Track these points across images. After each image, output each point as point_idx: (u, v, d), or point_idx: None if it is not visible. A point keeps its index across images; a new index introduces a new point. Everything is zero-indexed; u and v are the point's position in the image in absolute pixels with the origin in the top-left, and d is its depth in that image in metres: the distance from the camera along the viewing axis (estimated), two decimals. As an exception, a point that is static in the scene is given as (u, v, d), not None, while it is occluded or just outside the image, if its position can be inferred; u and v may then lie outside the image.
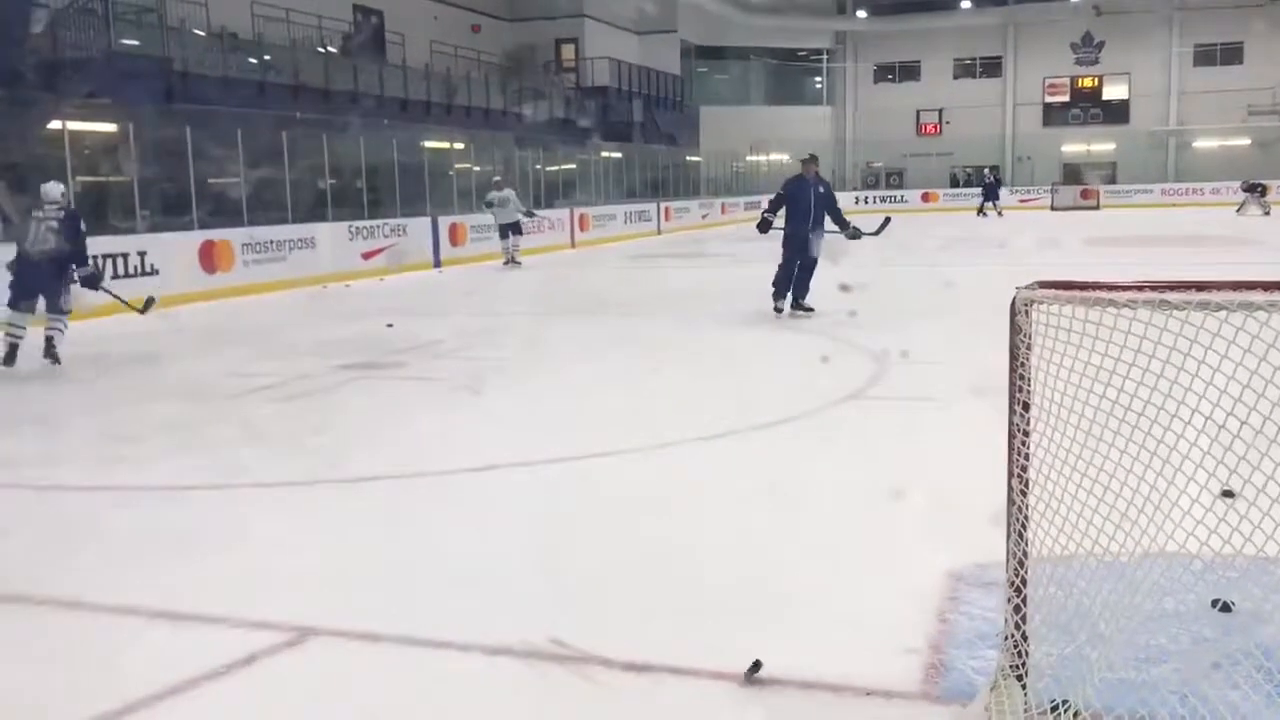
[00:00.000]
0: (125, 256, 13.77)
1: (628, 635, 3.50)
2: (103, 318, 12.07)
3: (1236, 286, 2.40)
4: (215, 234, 15.49)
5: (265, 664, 3.40)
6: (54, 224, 9.52)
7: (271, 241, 16.17)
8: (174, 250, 14.64)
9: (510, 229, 20.01)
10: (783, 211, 11.84)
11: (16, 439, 6.83)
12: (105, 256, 13.43)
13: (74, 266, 9.71)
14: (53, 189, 9.82)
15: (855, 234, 12.08)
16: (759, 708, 3.05)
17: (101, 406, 7.97)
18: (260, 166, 17.54)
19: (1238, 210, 32.57)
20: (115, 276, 13.55)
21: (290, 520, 5.04)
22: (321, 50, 23.69)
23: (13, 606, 3.98)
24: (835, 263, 11.98)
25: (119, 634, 3.72)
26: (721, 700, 3.09)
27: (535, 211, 21.52)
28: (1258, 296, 2.36)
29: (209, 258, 15.19)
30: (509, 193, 19.99)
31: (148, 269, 14.01)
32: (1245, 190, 33.61)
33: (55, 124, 14.75)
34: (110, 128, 15.96)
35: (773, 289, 11.87)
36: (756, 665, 3.14)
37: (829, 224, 11.77)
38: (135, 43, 18.79)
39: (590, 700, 3.10)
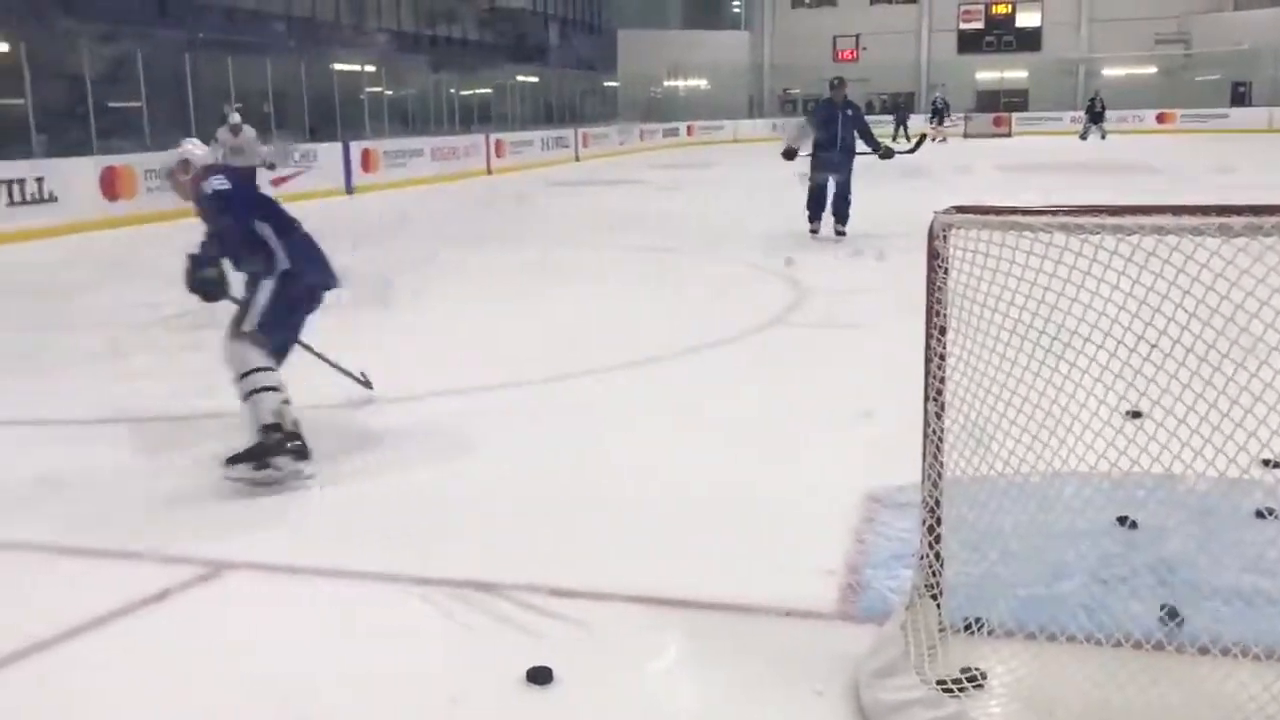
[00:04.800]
0: (22, 182, 13.23)
1: (544, 561, 3.51)
2: (10, 244, 11.64)
3: (1146, 210, 2.44)
4: (117, 160, 14.93)
5: (177, 598, 3.34)
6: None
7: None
8: (73, 176, 14.09)
9: None
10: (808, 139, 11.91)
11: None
12: (1, 182, 12.92)
13: None
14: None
15: (888, 154, 12.10)
16: (677, 630, 3.08)
17: (8, 339, 7.69)
18: (162, 89, 16.91)
19: (1081, 136, 34.07)
20: (12, 203, 13.05)
21: (204, 454, 4.92)
22: (225, -33, 22.84)
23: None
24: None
25: (26, 571, 3.62)
26: (640, 623, 3.11)
27: (277, 164, 16.05)
28: (1166, 220, 2.39)
29: (110, 184, 14.66)
30: (249, 132, 14.82)
31: (46, 195, 13.48)
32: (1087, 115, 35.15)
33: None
34: (2, 47, 15.23)
35: (806, 211, 12.01)
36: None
37: (860, 145, 11.80)
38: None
39: (505, 627, 3.10)
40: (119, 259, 11.92)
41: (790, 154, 11.99)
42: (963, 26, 46.14)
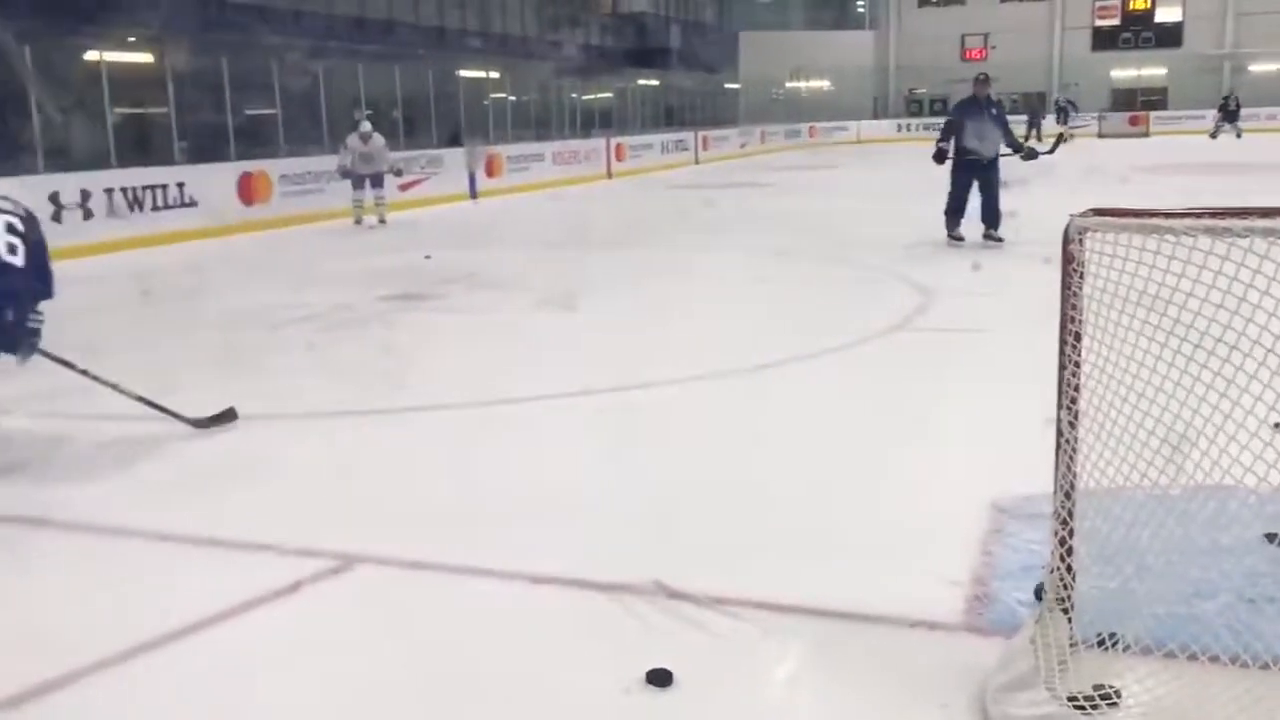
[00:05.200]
0: (164, 188, 13.83)
1: (666, 564, 3.50)
2: (144, 248, 12.20)
3: (1301, 213, 2.32)
4: (253, 165, 15.50)
5: (309, 591, 3.44)
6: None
7: (309, 173, 16.16)
8: (212, 182, 14.67)
9: (372, 180, 15.76)
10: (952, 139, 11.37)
11: (64, 370, 6.90)
12: (145, 188, 13.52)
13: None
14: None
15: (1030, 155, 11.62)
16: (799, 638, 3.04)
17: (146, 338, 8.03)
18: (296, 97, 17.49)
19: (1211, 135, 32.61)
20: (155, 208, 13.65)
21: (336, 449, 5.08)
22: (357, -22, 23.50)
23: (61, 534, 4.04)
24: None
25: (165, 561, 3.77)
26: (761, 629, 3.09)
27: (403, 170, 17.13)
28: (1323, 223, 2.27)
29: (247, 189, 15.22)
30: (378, 140, 15.71)
31: (186, 200, 14.06)
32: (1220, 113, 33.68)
33: (93, 55, 14.75)
34: (147, 58, 15.94)
35: (945, 217, 11.42)
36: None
37: (1002, 147, 11.34)
38: (171, -28, 18.70)
39: (632, 631, 3.11)
40: (255, 261, 12.37)
41: (942, 156, 11.39)
42: (1098, 23, 44.67)
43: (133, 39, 15.59)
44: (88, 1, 15.66)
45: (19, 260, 4.98)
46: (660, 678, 2.78)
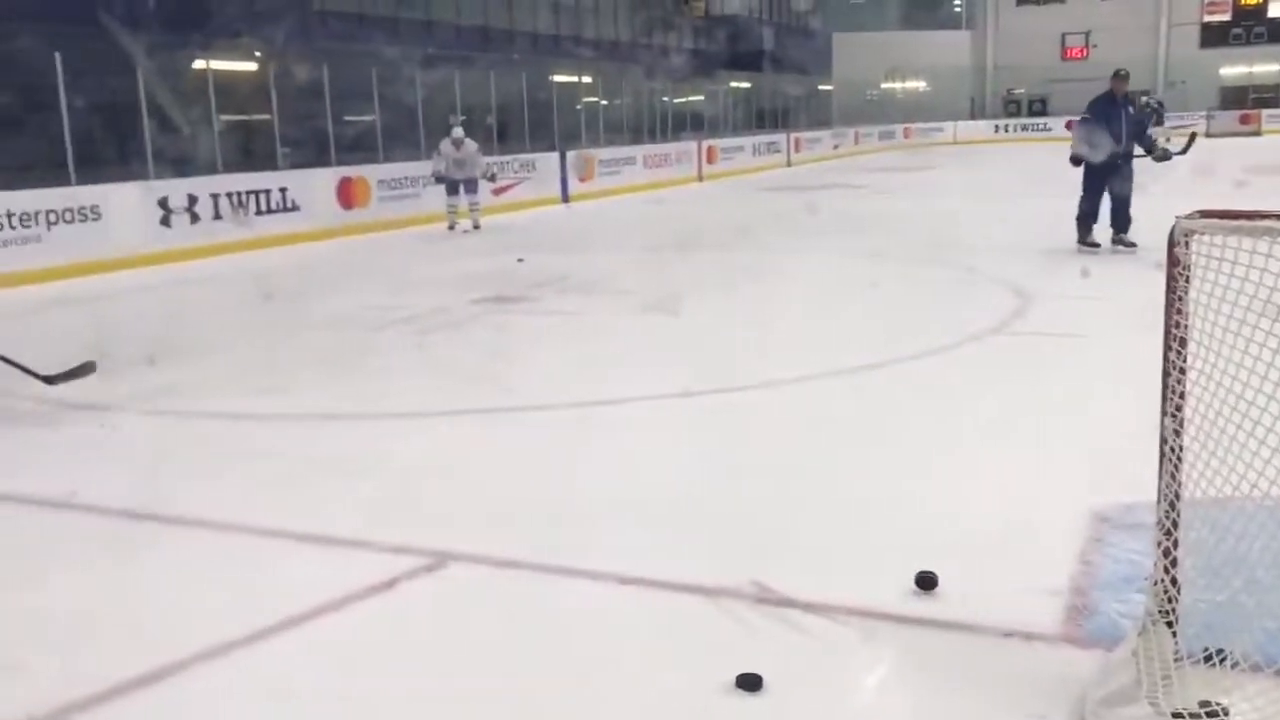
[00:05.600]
0: (268, 193, 14.21)
1: (759, 568, 3.50)
2: (248, 251, 12.55)
3: None
4: (352, 171, 15.84)
5: (405, 588, 3.51)
6: None
7: (405, 178, 16.44)
8: (314, 187, 15.03)
9: (466, 185, 15.75)
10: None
11: (176, 368, 7.15)
12: (249, 193, 13.92)
13: None
14: None
15: (1164, 156, 11.09)
16: (892, 646, 3.01)
17: (250, 339, 8.27)
18: (394, 103, 17.82)
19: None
20: (260, 213, 14.04)
21: (432, 448, 5.17)
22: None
23: (164, 528, 4.18)
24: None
25: (266, 555, 3.88)
26: (855, 635, 3.06)
27: (496, 174, 17.18)
28: None
29: (346, 194, 15.56)
30: (471, 145, 15.71)
31: (289, 205, 14.43)
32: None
33: (200, 64, 15.22)
34: (251, 67, 16.39)
35: (1077, 224, 10.99)
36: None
37: (1136, 148, 10.79)
38: (275, -18, 19.21)
39: (723, 633, 3.10)
40: (354, 264, 12.64)
41: (1080, 160, 10.86)
42: (1206, 19, 43.29)
43: (237, 49, 16.05)
44: (195, 13, 16.19)
45: None
46: (750, 682, 2.78)
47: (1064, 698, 2.64)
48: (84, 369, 5.56)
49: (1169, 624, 2.69)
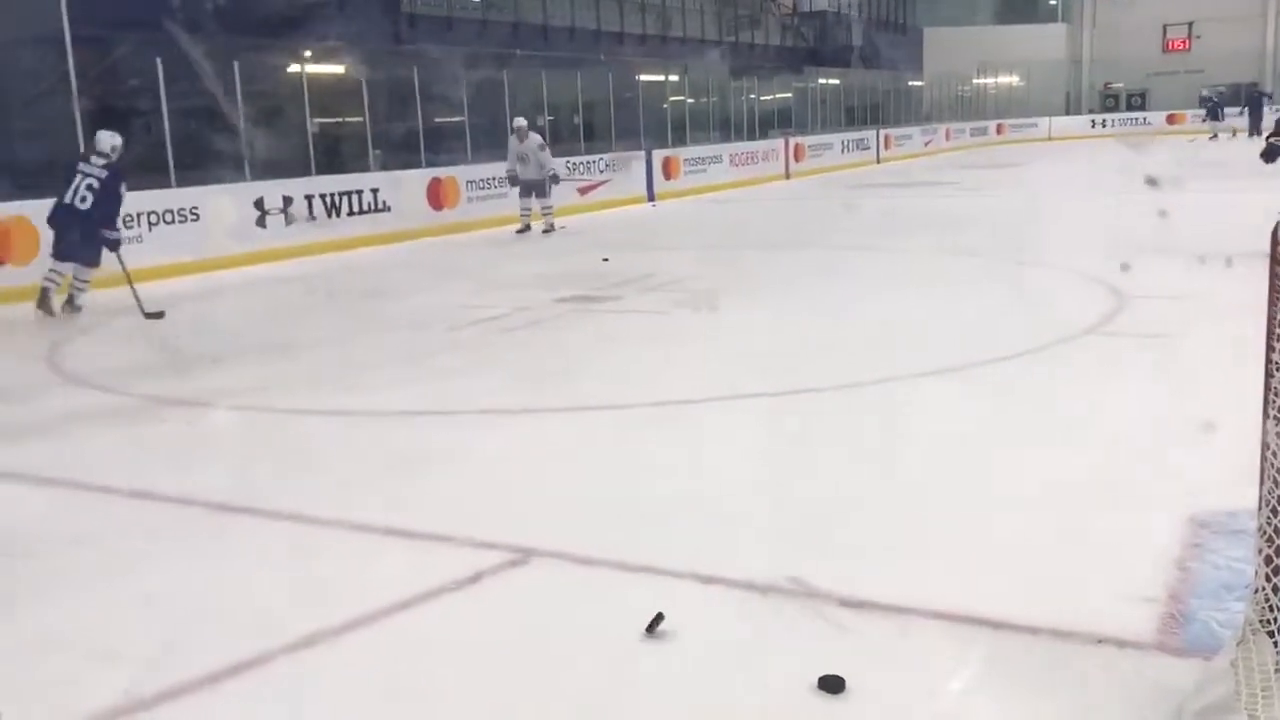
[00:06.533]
0: (359, 194, 14.46)
1: (844, 571, 3.45)
2: (339, 251, 12.79)
3: None
4: (442, 172, 16.04)
5: (490, 582, 3.53)
6: (94, 181, 9.18)
7: (493, 178, 16.60)
8: (404, 188, 15.26)
9: (534, 188, 15.52)
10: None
11: (264, 366, 7.31)
12: (341, 194, 14.18)
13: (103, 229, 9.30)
14: (103, 140, 9.33)
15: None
16: (980, 651, 2.95)
17: (338, 337, 8.43)
18: (482, 104, 18.00)
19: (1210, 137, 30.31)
20: (351, 213, 14.30)
21: (514, 445, 5.21)
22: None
23: (255, 521, 4.28)
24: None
25: (353, 550, 3.94)
26: (940, 640, 3.00)
27: (560, 176, 16.49)
28: None
29: (436, 194, 15.77)
30: (536, 139, 15.55)
31: (380, 205, 14.67)
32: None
33: (294, 68, 15.55)
34: (343, 70, 16.70)
35: None
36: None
37: None
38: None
39: (801, 634, 3.07)
40: (443, 264, 12.81)
41: (1274, 154, 10.02)
42: (1315, 6, 41.72)
43: (330, 53, 16.36)
44: (289, 17, 16.55)
45: (86, 206, 9.25)
46: (832, 684, 2.74)
47: (1159, 708, 2.56)
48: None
49: (1270, 634, 2.59)
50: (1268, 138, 10.01)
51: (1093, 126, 40.09)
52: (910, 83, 37.88)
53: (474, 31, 20.98)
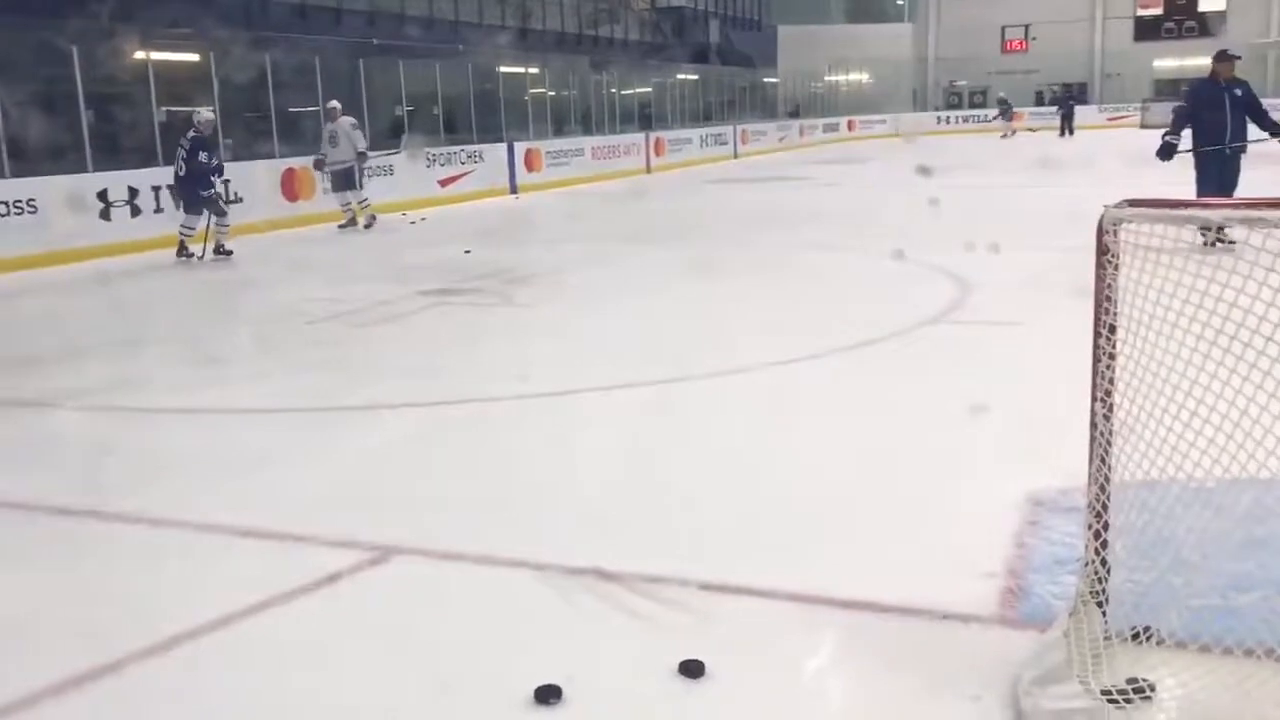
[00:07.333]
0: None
1: (699, 556, 3.53)
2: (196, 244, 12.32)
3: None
4: (296, 162, 15.64)
5: (348, 582, 3.49)
6: (182, 150, 11.92)
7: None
8: (257, 179, 14.83)
9: (345, 178, 14.76)
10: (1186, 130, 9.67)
11: (108, 363, 7.03)
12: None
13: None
14: (199, 116, 12.02)
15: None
16: (831, 629, 3.05)
17: (187, 331, 8.17)
18: (337, 95, 17.60)
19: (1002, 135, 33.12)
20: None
21: (372, 442, 5.14)
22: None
23: (101, 524, 4.12)
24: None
25: (205, 551, 3.83)
26: (794, 621, 3.10)
27: (368, 155, 15.18)
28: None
29: (290, 186, 15.37)
30: (346, 120, 14.87)
31: (232, 196, 14.21)
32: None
33: (140, 54, 14.94)
34: (193, 58, 16.12)
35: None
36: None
37: (1254, 132, 9.56)
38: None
39: (656, 620, 3.13)
40: (298, 256, 12.50)
41: (1169, 151, 9.60)
42: (1140, 13, 44.10)
43: (178, 38, 15.79)
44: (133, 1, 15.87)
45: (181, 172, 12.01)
46: (693, 669, 2.80)
47: (1000, 678, 2.69)
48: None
49: (1099, 604, 2.76)
50: (1163, 135, 9.96)
51: (939, 123, 41.55)
52: (765, 79, 38.58)
53: (328, 20, 20.50)
